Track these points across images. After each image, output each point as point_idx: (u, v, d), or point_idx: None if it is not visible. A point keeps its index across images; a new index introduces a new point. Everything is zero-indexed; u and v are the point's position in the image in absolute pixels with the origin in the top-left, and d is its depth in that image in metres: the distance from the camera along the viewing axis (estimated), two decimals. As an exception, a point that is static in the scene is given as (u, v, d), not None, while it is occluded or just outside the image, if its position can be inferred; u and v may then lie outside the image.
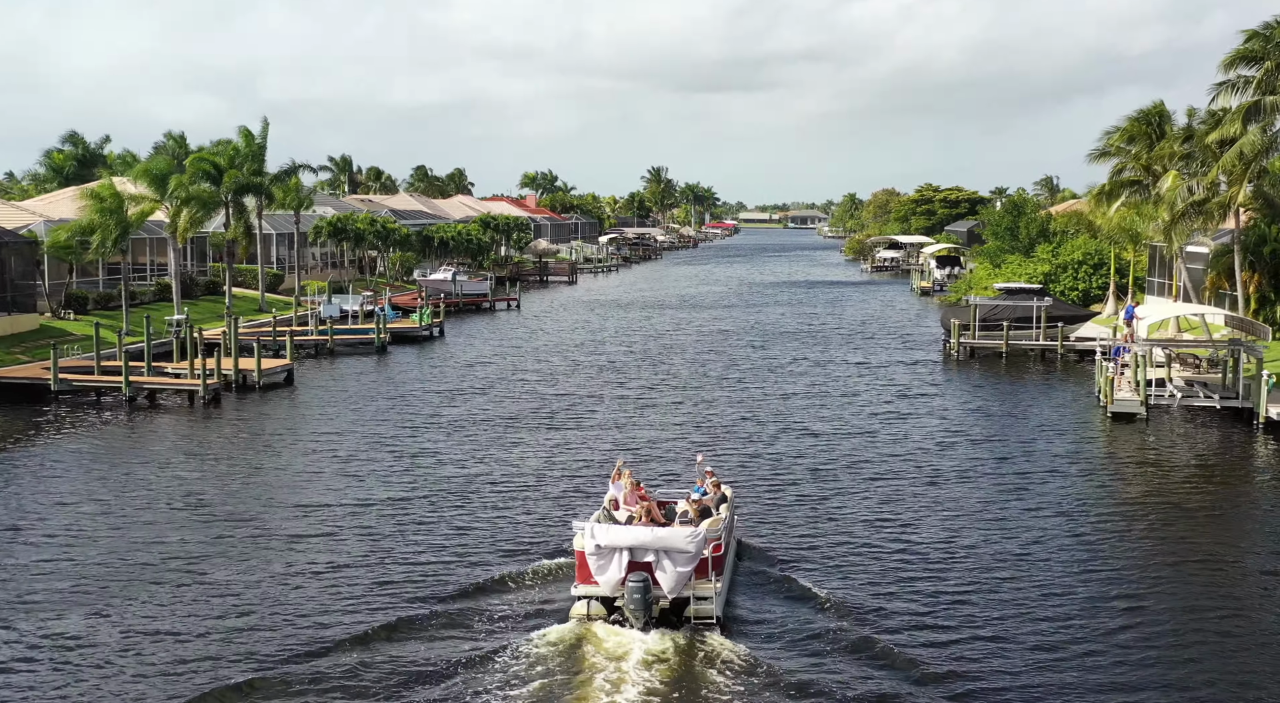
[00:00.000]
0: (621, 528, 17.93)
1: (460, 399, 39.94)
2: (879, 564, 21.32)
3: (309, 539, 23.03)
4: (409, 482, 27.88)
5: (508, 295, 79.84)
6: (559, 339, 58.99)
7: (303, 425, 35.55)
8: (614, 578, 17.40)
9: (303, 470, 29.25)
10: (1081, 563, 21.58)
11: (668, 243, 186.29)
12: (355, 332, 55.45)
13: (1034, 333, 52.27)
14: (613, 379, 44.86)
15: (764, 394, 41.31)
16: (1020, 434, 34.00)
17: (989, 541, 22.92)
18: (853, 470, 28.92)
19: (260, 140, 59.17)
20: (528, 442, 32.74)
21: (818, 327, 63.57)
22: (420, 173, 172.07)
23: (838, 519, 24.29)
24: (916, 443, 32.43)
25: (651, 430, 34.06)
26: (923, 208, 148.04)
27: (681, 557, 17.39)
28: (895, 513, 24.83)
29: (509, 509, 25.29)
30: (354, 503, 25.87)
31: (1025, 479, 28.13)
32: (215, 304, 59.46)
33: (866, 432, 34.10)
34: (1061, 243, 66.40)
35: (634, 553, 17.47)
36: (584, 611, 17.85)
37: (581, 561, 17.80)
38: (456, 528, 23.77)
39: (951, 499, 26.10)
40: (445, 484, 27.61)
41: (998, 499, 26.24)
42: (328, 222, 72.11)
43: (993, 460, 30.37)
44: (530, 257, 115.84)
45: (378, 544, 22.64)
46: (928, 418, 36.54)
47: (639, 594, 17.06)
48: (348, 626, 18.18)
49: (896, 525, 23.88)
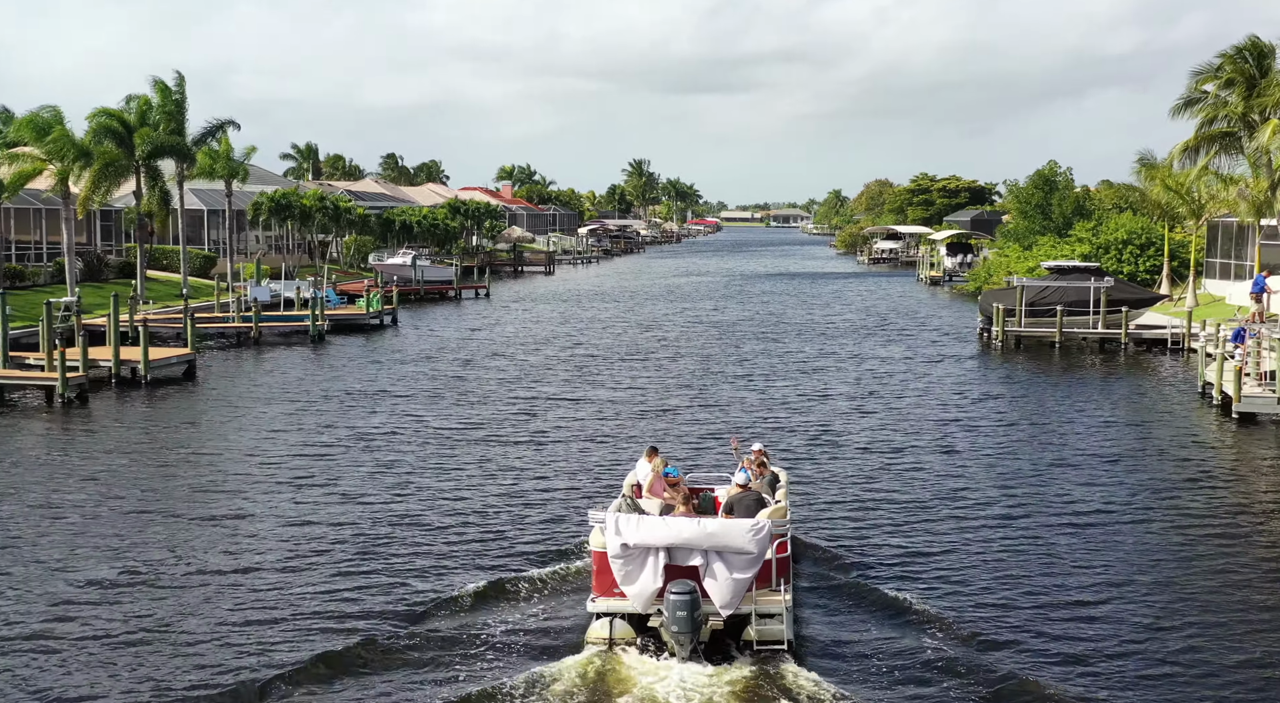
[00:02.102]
0: (657, 521, 13.78)
1: (396, 398, 31.54)
2: (973, 570, 16.83)
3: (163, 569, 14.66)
4: (332, 494, 19.53)
5: (476, 283, 71.52)
6: (533, 331, 50.67)
7: (182, 430, 27.06)
8: (648, 589, 13.37)
9: (161, 489, 20.76)
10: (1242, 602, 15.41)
11: (650, 237, 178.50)
12: (288, 319, 46.90)
13: (1090, 319, 44.31)
14: (604, 379, 36.54)
15: (798, 395, 33.12)
16: (1123, 441, 26.07)
17: (1122, 557, 17.54)
18: (921, 477, 22.33)
19: (178, 94, 50.22)
20: (482, 453, 24.42)
21: (834, 320, 55.03)
22: (390, 161, 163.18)
23: (907, 522, 19.52)
24: (988, 442, 25.93)
25: (668, 441, 25.74)
26: (919, 198, 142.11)
27: (740, 559, 13.36)
28: (978, 516, 19.88)
29: (462, 522, 18.06)
30: (237, 527, 17.44)
31: (1143, 493, 21.47)
32: (129, 288, 50.71)
33: (924, 431, 26.90)
34: (1102, 221, 58.36)
35: (674, 555, 13.48)
36: (604, 634, 13.54)
37: (601, 565, 13.72)
38: (406, 548, 16.81)
39: (1056, 507, 20.43)
40: (369, 500, 19.30)
41: (1118, 511, 20.25)
42: (269, 197, 63.22)
43: (1097, 468, 23.39)
44: (504, 246, 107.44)
45: (290, 566, 14.65)
46: (993, 418, 28.57)
47: (684, 611, 12.85)
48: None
49: (979, 529, 19.13)
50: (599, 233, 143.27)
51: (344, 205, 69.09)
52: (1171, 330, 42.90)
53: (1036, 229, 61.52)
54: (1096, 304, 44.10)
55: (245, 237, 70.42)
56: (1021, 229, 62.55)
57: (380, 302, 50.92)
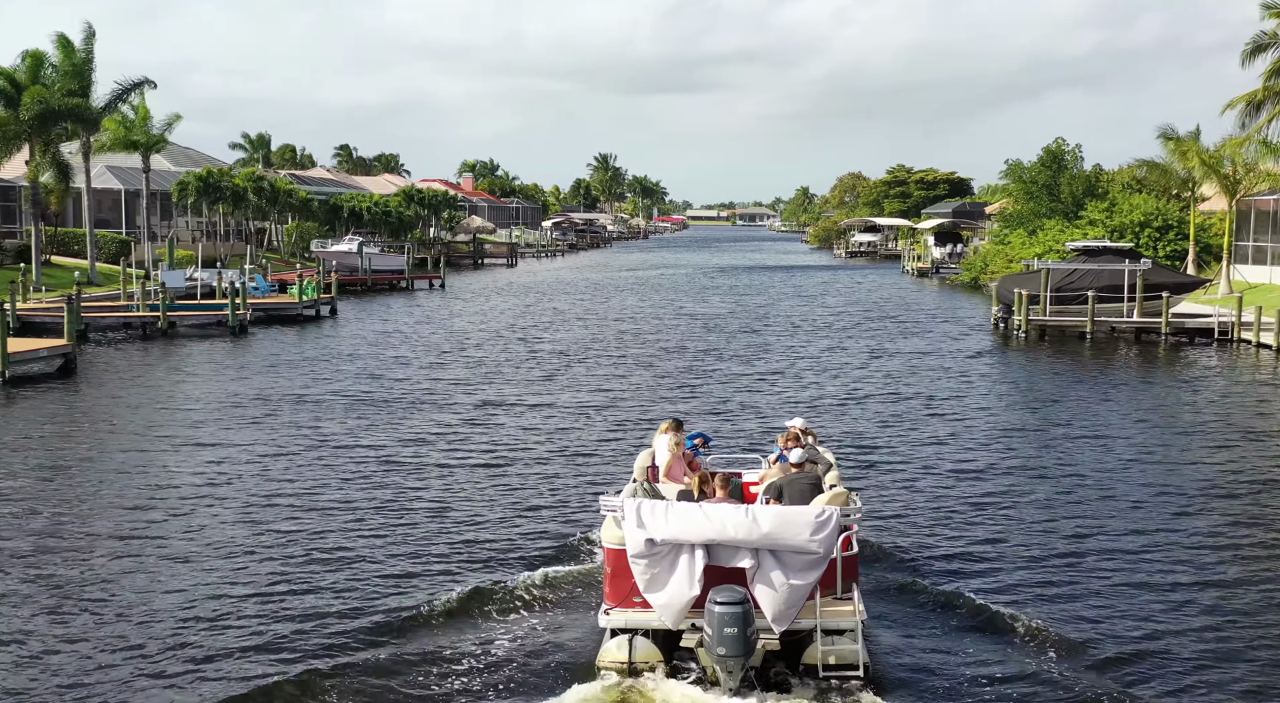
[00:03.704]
0: (694, 509, 10.55)
1: (323, 399, 25.58)
2: (1061, 575, 13.73)
3: None
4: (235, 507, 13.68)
5: (430, 273, 65.44)
6: (494, 322, 44.83)
7: (33, 438, 20.96)
8: (682, 598, 10.23)
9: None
10: None
11: (617, 233, 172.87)
12: (205, 308, 40.69)
13: (1124, 307, 38.98)
14: (581, 382, 30.78)
15: (830, 396, 27.50)
16: (1204, 442, 20.67)
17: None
18: (977, 476, 18.45)
19: (84, 51, 43.63)
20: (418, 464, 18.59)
21: (830, 313, 48.87)
22: (345, 152, 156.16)
23: (972, 521, 16.29)
24: (1046, 441, 21.67)
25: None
26: (896, 190, 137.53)
27: (800, 560, 10.28)
28: (1053, 517, 16.56)
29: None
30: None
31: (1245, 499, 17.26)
32: (29, 274, 44.27)
33: (973, 430, 22.12)
34: (1116, 202, 53.12)
35: (716, 554, 10.34)
36: (621, 656, 10.32)
37: (617, 567, 10.53)
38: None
39: (1148, 510, 16.46)
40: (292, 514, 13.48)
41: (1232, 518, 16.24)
42: (195, 176, 56.65)
43: (1183, 473, 18.61)
44: (464, 237, 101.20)
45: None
46: (1052, 418, 23.19)
47: (734, 627, 9.65)
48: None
49: (1056, 531, 15.85)
50: (564, 226, 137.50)
51: (283, 187, 62.63)
52: (1219, 319, 37.63)
53: (1043, 212, 56.15)
54: (1131, 290, 38.79)
55: (175, 223, 64.00)
56: (1026, 212, 57.17)
57: (316, 290, 44.79)
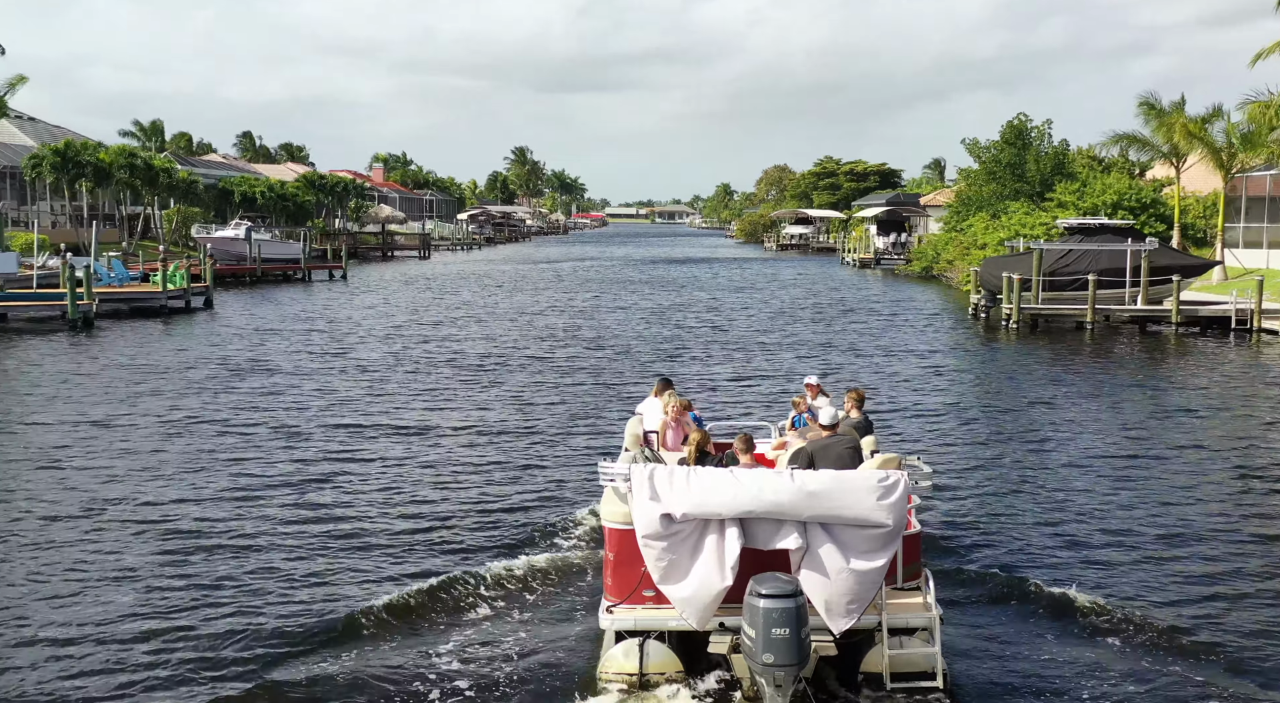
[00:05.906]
0: (722, 474, 8.02)
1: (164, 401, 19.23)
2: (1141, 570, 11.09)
3: None
4: None
5: (331, 263, 58.64)
6: (394, 318, 38.49)
7: None
8: (711, 590, 7.76)
9: None
10: None
11: (536, 227, 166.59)
12: (41, 298, 33.69)
13: (1126, 293, 34.08)
14: (502, 390, 24.75)
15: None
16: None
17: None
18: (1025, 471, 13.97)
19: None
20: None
21: (777, 307, 42.86)
22: (247, 140, 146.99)
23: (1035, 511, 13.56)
24: (1082, 431, 17.46)
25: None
26: (825, 181, 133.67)
27: (865, 537, 7.80)
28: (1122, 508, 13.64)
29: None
30: None
31: None
32: None
33: (1017, 426, 17.92)
34: (1087, 182, 48.43)
35: (752, 532, 7.84)
36: (631, 666, 8.07)
37: (622, 551, 8.15)
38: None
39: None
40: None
41: None
42: (52, 148, 49.09)
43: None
44: (373, 228, 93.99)
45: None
46: (1085, 414, 17.91)
47: (786, 628, 7.27)
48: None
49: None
50: (481, 219, 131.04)
51: (160, 166, 55.22)
52: (1237, 307, 32.85)
53: (1007, 194, 51.30)
54: (1134, 273, 33.88)
55: (38, 206, 56.33)
56: (987, 194, 52.29)
57: (185, 279, 37.95)
